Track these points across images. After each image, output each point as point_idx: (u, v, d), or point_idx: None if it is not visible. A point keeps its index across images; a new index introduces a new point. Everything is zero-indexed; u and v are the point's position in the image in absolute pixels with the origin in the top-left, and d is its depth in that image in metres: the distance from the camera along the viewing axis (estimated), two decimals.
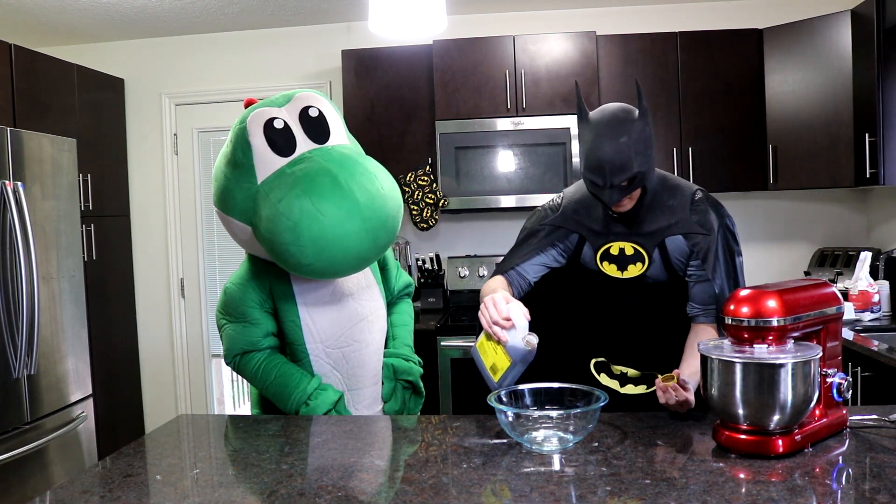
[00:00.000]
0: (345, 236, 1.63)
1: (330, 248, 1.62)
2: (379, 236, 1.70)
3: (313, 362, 1.86)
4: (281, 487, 1.24)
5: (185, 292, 4.23)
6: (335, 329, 1.87)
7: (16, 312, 2.67)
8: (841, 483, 1.20)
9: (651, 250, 1.72)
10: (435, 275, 3.86)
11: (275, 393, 1.82)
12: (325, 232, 1.61)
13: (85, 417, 3.05)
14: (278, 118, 1.73)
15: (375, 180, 1.69)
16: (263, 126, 1.72)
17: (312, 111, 1.77)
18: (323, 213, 1.60)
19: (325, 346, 1.86)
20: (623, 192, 1.63)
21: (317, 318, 1.85)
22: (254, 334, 1.83)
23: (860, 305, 3.00)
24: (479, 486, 1.20)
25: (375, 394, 1.96)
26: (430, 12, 2.12)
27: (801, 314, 1.31)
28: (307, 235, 1.60)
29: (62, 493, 1.26)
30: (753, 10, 3.77)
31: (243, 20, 3.90)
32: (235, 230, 1.81)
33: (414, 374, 2.01)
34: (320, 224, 1.60)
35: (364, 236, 1.66)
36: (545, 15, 3.91)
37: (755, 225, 3.85)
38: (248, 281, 1.85)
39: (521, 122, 3.50)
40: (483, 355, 1.60)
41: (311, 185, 1.63)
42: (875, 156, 3.01)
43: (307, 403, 1.78)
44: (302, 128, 1.76)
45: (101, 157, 3.89)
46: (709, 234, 1.69)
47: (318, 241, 1.61)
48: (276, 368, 1.83)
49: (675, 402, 1.51)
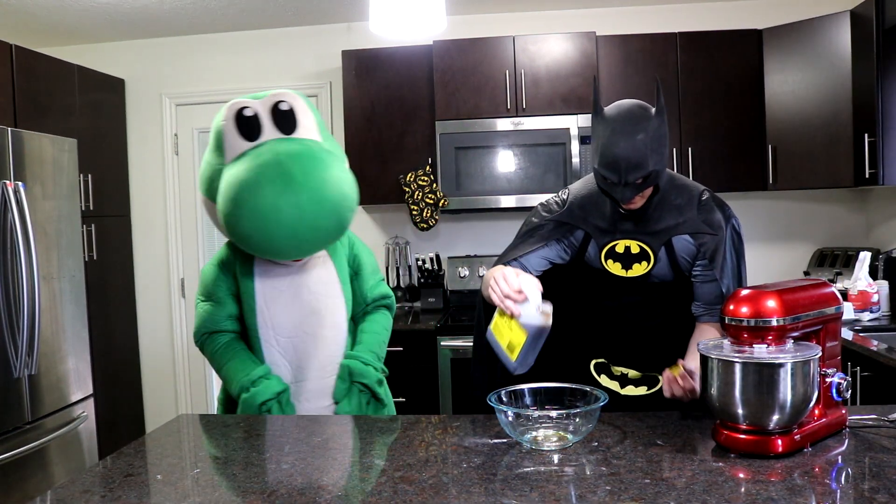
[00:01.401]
0: (279, 211, 1.71)
1: (265, 221, 1.71)
2: (318, 220, 1.76)
3: (264, 349, 1.95)
4: (281, 487, 1.24)
5: (185, 292, 4.23)
6: (287, 318, 1.95)
7: (16, 312, 2.67)
8: (840, 483, 1.20)
9: (657, 249, 1.71)
10: (435, 275, 3.86)
11: (225, 377, 1.93)
12: (260, 203, 1.70)
13: (85, 417, 3.06)
14: (249, 108, 1.87)
15: (322, 165, 1.78)
16: (235, 113, 1.86)
17: (283, 105, 1.89)
18: (261, 186, 1.71)
19: (275, 333, 1.95)
20: (637, 190, 1.62)
21: (271, 306, 1.95)
22: (218, 314, 1.96)
23: (859, 305, 3.00)
24: (479, 486, 1.21)
25: (322, 388, 1.98)
26: (430, 12, 2.12)
27: (800, 314, 1.31)
28: (246, 207, 1.71)
29: (63, 493, 1.26)
30: (753, 11, 3.77)
31: (243, 20, 3.91)
32: (212, 212, 1.91)
33: (369, 378, 1.99)
34: (256, 196, 1.70)
35: (300, 215, 1.73)
36: (545, 15, 3.91)
37: (755, 225, 3.86)
38: (219, 262, 1.99)
39: (521, 123, 3.50)
40: (499, 336, 1.54)
41: (256, 163, 1.75)
42: (874, 156, 3.02)
43: (248, 389, 1.86)
44: (272, 119, 1.87)
45: (101, 157, 3.89)
46: (716, 234, 1.69)
47: (255, 212, 1.71)
48: (231, 353, 1.94)
49: (681, 392, 1.52)
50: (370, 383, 2.00)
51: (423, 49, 3.61)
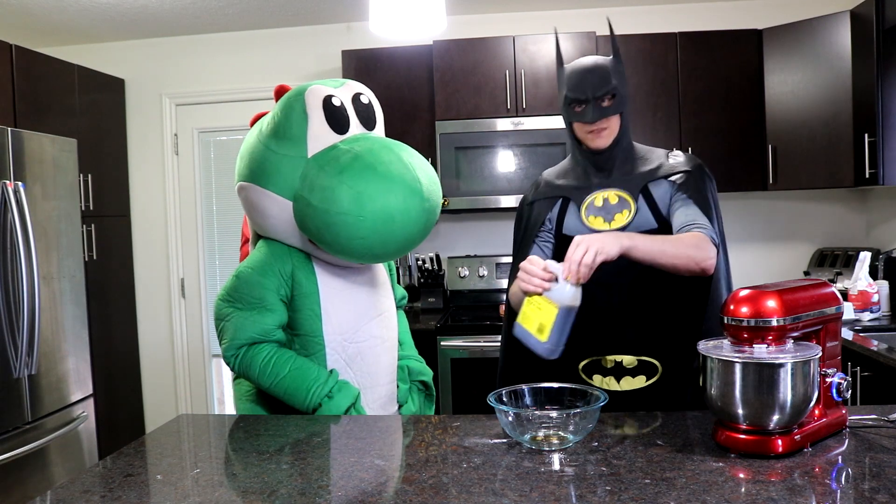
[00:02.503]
0: (406, 212, 1.63)
1: (390, 223, 1.62)
2: (430, 220, 1.72)
3: (329, 357, 1.78)
4: (281, 487, 1.24)
5: (185, 292, 4.23)
6: (354, 322, 1.81)
7: (16, 312, 2.67)
8: (840, 483, 1.20)
9: (636, 195, 1.75)
10: (435, 275, 3.86)
11: (288, 387, 1.72)
12: (390, 205, 1.60)
13: (85, 417, 3.06)
14: (336, 97, 1.75)
15: (427, 166, 1.74)
16: (322, 101, 1.73)
17: (364, 98, 1.81)
18: (391, 187, 1.60)
19: (343, 338, 1.79)
20: (603, 113, 1.73)
21: (338, 309, 1.78)
22: (268, 322, 1.73)
23: (859, 305, 3.00)
24: (479, 486, 1.21)
25: (389, 394, 1.92)
26: (430, 12, 2.12)
27: (800, 314, 1.31)
28: (370, 207, 1.59)
29: (63, 493, 1.26)
30: (753, 11, 3.77)
31: (243, 20, 3.91)
32: (267, 206, 1.75)
33: (427, 375, 2.02)
34: (385, 197, 1.60)
35: (421, 217, 1.67)
36: (545, 15, 3.91)
37: (755, 225, 3.86)
38: (268, 265, 1.75)
39: (521, 123, 3.51)
40: (527, 324, 1.54)
41: (377, 160, 1.63)
42: (874, 156, 3.02)
43: (330, 396, 1.71)
44: (355, 111, 1.78)
45: (101, 157, 3.89)
46: (691, 172, 1.76)
47: (381, 213, 1.60)
48: (290, 361, 1.73)
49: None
50: (428, 380, 2.01)
51: (423, 49, 3.61)
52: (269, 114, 1.84)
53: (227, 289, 1.78)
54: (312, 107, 1.72)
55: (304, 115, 1.71)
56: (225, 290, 1.79)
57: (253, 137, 1.82)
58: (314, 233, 1.68)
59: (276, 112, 1.78)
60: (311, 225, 1.66)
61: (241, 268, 1.79)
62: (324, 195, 1.62)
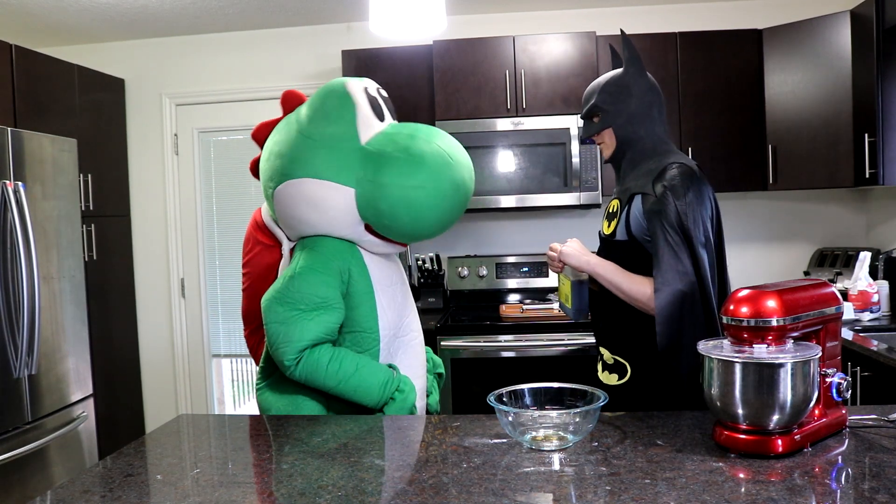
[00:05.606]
0: (465, 184, 1.76)
1: (456, 194, 1.74)
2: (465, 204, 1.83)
3: (382, 353, 1.77)
4: (281, 487, 1.24)
5: (185, 292, 4.23)
6: (398, 317, 1.82)
7: (16, 312, 2.67)
8: (840, 483, 1.20)
9: (624, 206, 1.78)
10: (435, 275, 3.86)
11: (358, 386, 1.68)
12: (456, 177, 1.72)
13: (85, 417, 3.06)
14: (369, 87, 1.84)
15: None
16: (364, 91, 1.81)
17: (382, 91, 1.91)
18: (453, 161, 1.73)
19: (392, 333, 1.79)
20: (588, 130, 1.84)
21: (387, 304, 1.79)
22: (334, 321, 1.70)
23: (859, 305, 3.00)
24: (479, 486, 1.21)
25: (423, 386, 1.93)
26: (430, 12, 2.12)
27: (800, 314, 1.31)
28: (447, 175, 1.70)
29: (63, 493, 1.26)
30: (753, 11, 3.77)
31: (243, 20, 3.91)
32: (328, 197, 1.73)
33: (442, 367, 2.10)
34: (452, 169, 1.72)
35: (470, 192, 1.80)
36: (545, 15, 3.91)
37: (755, 225, 3.86)
38: (328, 261, 1.73)
39: (521, 123, 3.51)
40: (560, 296, 1.97)
41: (441, 138, 1.75)
42: (874, 156, 3.02)
43: (402, 391, 1.71)
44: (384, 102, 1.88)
45: (101, 157, 3.89)
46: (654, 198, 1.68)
47: (451, 184, 1.71)
48: (354, 359, 1.70)
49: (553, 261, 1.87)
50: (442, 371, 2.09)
51: (423, 49, 3.61)
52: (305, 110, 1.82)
53: (281, 290, 1.71)
54: (358, 94, 1.79)
55: (352, 105, 1.78)
56: (278, 292, 1.71)
57: (291, 135, 1.79)
58: (387, 212, 1.71)
59: (317, 107, 1.80)
60: (385, 204, 1.70)
61: (298, 269, 1.72)
62: (400, 170, 1.69)
